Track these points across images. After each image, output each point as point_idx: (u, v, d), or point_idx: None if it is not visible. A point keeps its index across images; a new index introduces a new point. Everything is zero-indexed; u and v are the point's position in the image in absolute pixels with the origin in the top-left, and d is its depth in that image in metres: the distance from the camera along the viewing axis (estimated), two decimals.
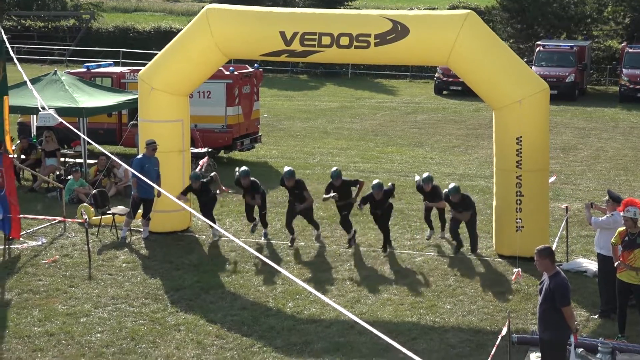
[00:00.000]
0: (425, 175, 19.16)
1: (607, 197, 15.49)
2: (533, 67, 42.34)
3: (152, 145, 18.83)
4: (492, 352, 11.80)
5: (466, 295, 16.06)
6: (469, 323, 14.76)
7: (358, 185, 19.35)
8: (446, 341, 13.91)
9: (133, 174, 18.21)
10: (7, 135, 18.78)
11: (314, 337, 14.16)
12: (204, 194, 19.42)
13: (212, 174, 20.30)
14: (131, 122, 24.64)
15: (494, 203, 18.35)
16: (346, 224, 19.21)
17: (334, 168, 19.38)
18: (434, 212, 19.32)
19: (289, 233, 19.30)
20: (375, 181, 18.76)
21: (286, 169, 19.55)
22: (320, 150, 30.34)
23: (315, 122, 37.38)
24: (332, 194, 19.04)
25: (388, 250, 18.58)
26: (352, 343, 13.91)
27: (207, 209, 19.32)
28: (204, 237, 19.46)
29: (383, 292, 16.17)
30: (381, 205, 18.72)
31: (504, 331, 11.98)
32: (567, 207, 18.50)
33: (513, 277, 16.09)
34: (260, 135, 29.56)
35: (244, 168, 19.80)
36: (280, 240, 19.35)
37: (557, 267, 11.42)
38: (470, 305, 15.52)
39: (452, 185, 18.84)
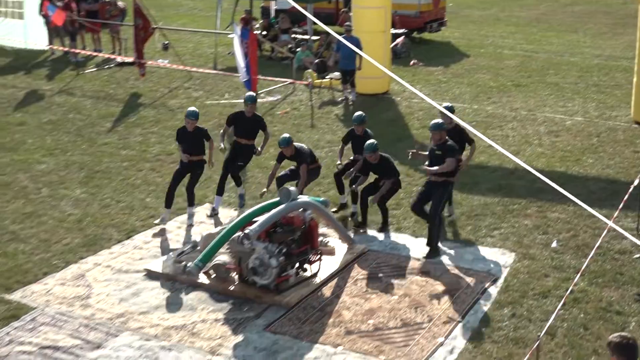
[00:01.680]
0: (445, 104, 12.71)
1: None
2: None
3: (347, 27, 19.08)
4: (625, 198, 11.32)
5: (606, 152, 15.45)
6: (607, 175, 14.23)
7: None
8: (588, 187, 13.51)
9: (338, 48, 18.30)
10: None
11: (481, 179, 14.03)
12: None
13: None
14: (342, 10, 24.78)
15: (634, 79, 17.32)
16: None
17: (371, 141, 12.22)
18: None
19: None
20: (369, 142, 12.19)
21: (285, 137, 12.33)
22: (493, 34, 29.45)
23: (490, 10, 36.15)
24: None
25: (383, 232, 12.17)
26: (512, 185, 13.72)
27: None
28: (399, 98, 19.30)
29: (537, 147, 15.76)
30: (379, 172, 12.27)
31: (637, 182, 11.45)
32: None
33: None
34: (446, 20, 28.73)
35: (284, 136, 12.42)
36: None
37: None
38: (609, 161, 14.93)
39: None
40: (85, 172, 14.48)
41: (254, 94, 13.59)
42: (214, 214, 12.59)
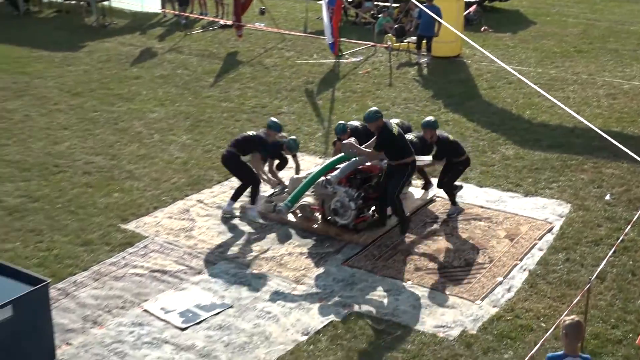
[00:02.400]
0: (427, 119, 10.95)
1: None
2: None
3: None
4: None
5: None
6: None
7: None
8: None
9: (419, 15, 17.97)
10: None
11: (543, 136, 13.71)
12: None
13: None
14: None
15: None
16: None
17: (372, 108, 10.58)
18: None
19: None
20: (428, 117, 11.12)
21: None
22: (559, 3, 28.34)
23: None
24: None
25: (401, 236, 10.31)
26: (571, 142, 13.37)
27: None
28: (470, 61, 18.92)
29: (596, 108, 15.28)
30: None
31: None
32: None
33: None
34: None
35: (340, 123, 11.35)
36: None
37: None
38: None
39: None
40: (190, 120, 14.70)
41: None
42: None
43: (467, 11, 22.23)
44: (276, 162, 11.35)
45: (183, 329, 8.18)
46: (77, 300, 8.67)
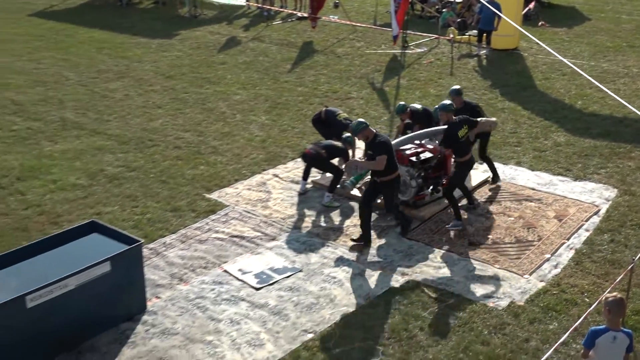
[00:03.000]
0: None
1: None
2: None
3: None
4: None
5: None
6: None
7: None
8: None
9: (481, 10, 17.56)
10: None
11: (593, 125, 13.27)
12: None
13: None
14: None
15: None
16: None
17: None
18: None
19: None
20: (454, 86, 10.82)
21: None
22: (614, 0, 27.30)
23: None
24: None
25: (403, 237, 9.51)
26: (620, 131, 12.90)
27: None
28: (526, 54, 18.43)
29: None
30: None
31: None
32: None
33: None
34: None
35: (401, 103, 11.33)
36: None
37: None
38: None
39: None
40: (269, 103, 14.76)
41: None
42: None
43: (527, 8, 21.64)
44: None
45: (257, 289, 8.28)
46: (166, 259, 8.87)
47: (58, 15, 23.26)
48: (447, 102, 9.83)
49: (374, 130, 9.06)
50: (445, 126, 9.63)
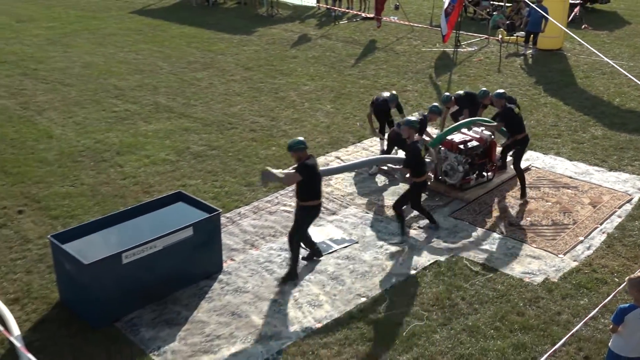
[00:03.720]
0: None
1: None
2: None
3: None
4: None
5: None
6: None
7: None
8: None
9: (529, 14, 17.01)
10: None
11: (629, 121, 12.77)
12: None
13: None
14: None
15: None
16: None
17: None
18: None
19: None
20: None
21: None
22: None
23: None
24: None
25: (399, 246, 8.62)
26: None
27: None
28: (569, 54, 17.80)
29: None
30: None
31: None
32: None
33: None
34: None
35: (446, 94, 11.19)
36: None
37: None
38: None
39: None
40: (334, 93, 14.71)
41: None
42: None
43: (573, 12, 20.89)
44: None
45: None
46: (240, 227, 8.99)
47: (154, 13, 23.70)
48: (499, 91, 9.67)
49: (308, 155, 7.64)
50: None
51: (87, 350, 6.66)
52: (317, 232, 8.81)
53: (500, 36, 18.57)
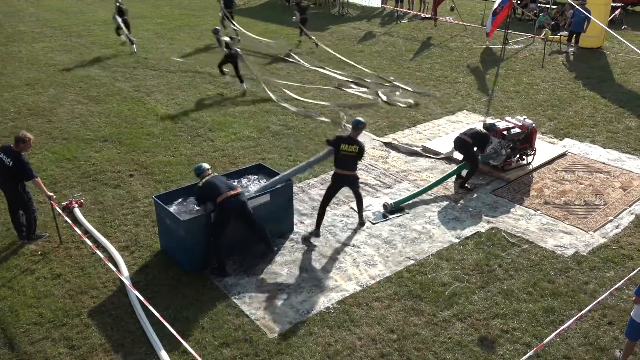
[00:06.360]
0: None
1: None
2: None
3: (582, 0, 16.15)
4: None
5: None
6: None
7: None
8: None
9: (573, 15, 16.11)
10: None
11: None
12: None
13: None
14: None
15: None
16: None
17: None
18: None
19: None
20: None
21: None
22: None
23: None
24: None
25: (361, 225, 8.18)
26: None
27: None
28: (608, 52, 16.81)
29: None
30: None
31: None
32: None
33: None
34: None
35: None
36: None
37: None
38: None
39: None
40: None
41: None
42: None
43: (613, 14, 19.66)
44: None
45: (374, 223, 8.29)
46: (309, 196, 9.05)
47: (243, 12, 23.86)
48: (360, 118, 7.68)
49: (209, 174, 7.13)
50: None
51: (181, 290, 6.91)
52: (374, 202, 8.77)
53: (545, 35, 17.73)
